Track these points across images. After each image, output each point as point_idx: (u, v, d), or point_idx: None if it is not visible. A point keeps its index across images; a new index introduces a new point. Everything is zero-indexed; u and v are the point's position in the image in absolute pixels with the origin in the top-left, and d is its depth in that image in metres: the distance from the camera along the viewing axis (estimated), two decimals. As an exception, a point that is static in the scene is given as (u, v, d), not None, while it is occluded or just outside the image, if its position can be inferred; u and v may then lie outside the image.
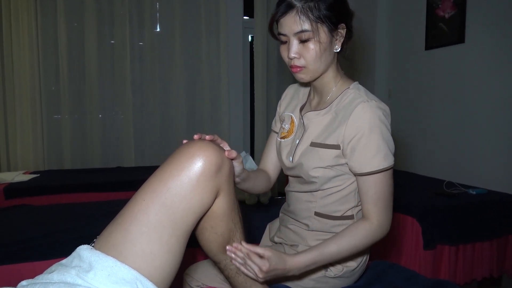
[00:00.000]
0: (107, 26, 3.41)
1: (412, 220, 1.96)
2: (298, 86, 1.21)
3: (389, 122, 0.99)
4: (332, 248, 0.93)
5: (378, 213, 0.97)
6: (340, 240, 0.94)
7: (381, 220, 0.97)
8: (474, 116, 2.62)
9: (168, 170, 0.79)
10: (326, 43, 0.96)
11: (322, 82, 1.06)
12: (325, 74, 1.04)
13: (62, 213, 1.93)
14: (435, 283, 1.12)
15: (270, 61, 3.83)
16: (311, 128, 1.06)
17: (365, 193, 0.98)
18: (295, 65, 0.98)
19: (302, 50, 0.96)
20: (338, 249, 0.94)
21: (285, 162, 1.11)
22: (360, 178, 0.98)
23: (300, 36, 0.95)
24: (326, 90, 1.06)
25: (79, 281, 0.70)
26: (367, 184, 0.97)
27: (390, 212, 0.99)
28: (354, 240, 0.95)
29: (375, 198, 0.97)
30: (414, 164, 3.14)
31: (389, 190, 0.98)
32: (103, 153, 3.47)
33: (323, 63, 0.99)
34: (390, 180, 0.98)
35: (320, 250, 0.93)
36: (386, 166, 0.95)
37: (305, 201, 1.08)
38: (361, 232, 0.96)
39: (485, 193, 2.23)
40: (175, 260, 0.79)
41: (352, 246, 0.95)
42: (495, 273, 2.06)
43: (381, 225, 0.97)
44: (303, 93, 1.18)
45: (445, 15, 2.80)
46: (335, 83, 1.05)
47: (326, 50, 0.97)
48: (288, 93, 1.23)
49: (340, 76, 1.06)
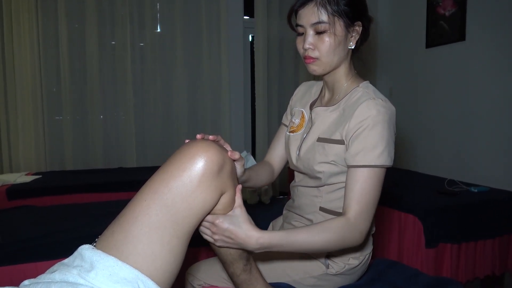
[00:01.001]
0: (108, 27, 3.42)
1: (414, 218, 1.96)
2: (311, 83, 1.23)
3: (393, 122, 0.97)
4: (302, 236, 0.88)
5: (358, 211, 0.92)
6: (312, 230, 0.89)
7: (358, 220, 0.91)
8: (475, 113, 2.61)
9: (170, 170, 0.79)
10: (341, 36, 0.98)
11: (333, 78, 1.07)
12: (337, 70, 1.05)
13: (64, 213, 1.94)
14: (437, 281, 1.12)
15: (271, 61, 3.83)
16: (318, 123, 1.07)
17: (350, 187, 0.94)
18: (309, 55, 1.00)
19: (317, 42, 0.98)
20: (307, 238, 0.88)
21: (293, 157, 1.12)
22: (350, 169, 0.96)
23: (316, 28, 0.97)
24: (337, 86, 1.07)
25: (81, 281, 0.70)
26: (354, 178, 0.94)
27: (369, 216, 0.93)
28: (325, 233, 0.89)
29: (358, 194, 0.92)
30: (416, 163, 3.14)
31: (375, 191, 0.93)
32: (104, 153, 3.47)
33: (336, 57, 1.00)
34: (379, 181, 0.94)
35: (288, 233, 0.88)
36: (379, 164, 0.93)
37: (311, 195, 1.09)
38: (334, 226, 0.90)
39: (487, 191, 2.23)
40: (176, 260, 0.78)
41: (323, 238, 0.89)
42: (498, 271, 2.05)
43: (356, 226, 0.91)
44: (315, 90, 1.20)
45: (446, 13, 2.80)
46: (346, 81, 1.06)
47: (341, 44, 0.99)
48: (300, 89, 1.25)
49: (352, 74, 1.07)
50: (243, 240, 0.84)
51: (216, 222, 0.84)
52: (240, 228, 0.85)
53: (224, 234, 0.85)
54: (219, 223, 0.84)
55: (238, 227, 0.85)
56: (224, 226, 0.84)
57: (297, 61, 3.78)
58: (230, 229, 0.84)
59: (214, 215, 0.86)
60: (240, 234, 0.84)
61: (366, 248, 1.10)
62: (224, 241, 0.86)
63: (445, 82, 2.85)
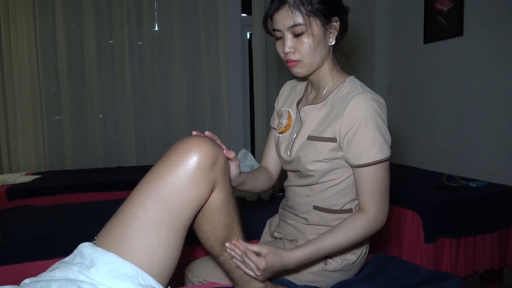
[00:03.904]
0: (106, 26, 3.42)
1: (412, 213, 1.96)
2: (295, 82, 1.23)
3: (385, 114, 0.99)
4: (329, 242, 0.94)
5: (374, 205, 0.97)
6: (337, 233, 0.95)
7: (377, 212, 0.97)
8: (474, 108, 2.62)
9: (165, 166, 0.81)
10: (319, 35, 0.97)
11: (318, 76, 1.07)
12: (321, 68, 1.05)
13: (64, 213, 1.94)
14: (437, 275, 1.13)
15: (269, 58, 3.83)
16: (307, 122, 1.07)
17: (361, 184, 0.98)
18: (290, 59, 1.00)
19: (297, 44, 0.98)
20: (334, 243, 0.94)
21: (283, 157, 1.12)
22: (356, 170, 0.99)
23: (293, 30, 0.96)
24: (323, 84, 1.07)
25: (82, 277, 0.71)
26: (363, 176, 0.98)
27: (386, 204, 0.99)
28: (351, 233, 0.95)
29: (371, 189, 0.97)
30: (414, 158, 3.14)
31: (385, 182, 0.98)
32: (104, 153, 3.48)
33: (317, 56, 1.00)
34: (386, 172, 0.98)
35: (317, 244, 0.94)
36: (382, 157, 0.95)
37: (304, 195, 1.09)
38: (357, 225, 0.96)
39: (485, 186, 2.23)
40: (174, 254, 0.80)
41: (349, 238, 0.95)
42: (497, 265, 2.06)
43: (377, 217, 0.97)
44: (300, 88, 1.19)
45: (443, 9, 2.79)
46: (331, 77, 1.06)
47: (320, 43, 0.98)
48: (285, 89, 1.25)
49: (336, 70, 1.07)
50: (283, 267, 0.92)
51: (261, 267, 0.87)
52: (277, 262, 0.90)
53: (268, 271, 0.90)
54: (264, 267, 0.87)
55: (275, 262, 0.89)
56: (267, 266, 0.88)
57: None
58: (273, 266, 0.89)
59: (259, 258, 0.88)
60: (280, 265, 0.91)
61: (363, 243, 1.11)
62: (268, 274, 0.92)
63: (444, 77, 2.85)
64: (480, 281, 2.15)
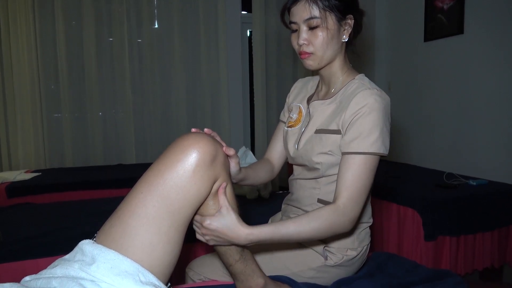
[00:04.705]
0: (105, 24, 3.41)
1: (412, 211, 1.97)
2: (307, 80, 1.26)
3: (388, 112, 0.99)
4: (291, 227, 0.89)
5: (347, 198, 0.92)
6: (300, 220, 0.90)
7: (347, 207, 0.92)
8: (474, 107, 2.61)
9: (164, 163, 0.81)
10: (333, 30, 1.00)
11: (329, 72, 1.09)
12: (333, 64, 1.07)
13: (63, 210, 1.94)
14: (437, 273, 1.13)
15: (269, 56, 3.82)
16: (316, 116, 1.09)
17: (342, 173, 0.95)
18: (304, 51, 1.03)
19: (311, 37, 1.01)
20: (296, 228, 0.89)
21: (291, 151, 1.14)
22: (344, 156, 0.97)
23: (309, 23, 0.99)
24: (333, 80, 1.09)
25: (82, 274, 0.71)
26: (346, 164, 0.95)
27: (359, 203, 0.94)
28: (314, 222, 0.90)
29: (349, 181, 0.93)
30: (414, 156, 3.14)
31: (366, 179, 0.94)
32: (104, 150, 3.48)
33: (330, 50, 1.02)
34: (370, 170, 0.95)
35: (277, 226, 0.89)
36: (372, 151, 0.94)
37: (309, 188, 1.10)
38: (323, 215, 0.90)
39: (485, 184, 2.23)
40: (174, 251, 0.81)
41: (310, 227, 0.90)
42: (496, 263, 2.06)
43: (345, 212, 0.92)
44: (311, 85, 1.22)
45: (444, 6, 2.79)
46: (342, 74, 1.08)
47: (334, 37, 1.01)
48: (297, 85, 1.27)
49: (347, 67, 1.09)
50: (233, 238, 0.86)
51: (204, 224, 0.86)
52: (228, 227, 0.86)
53: (214, 234, 0.87)
54: (207, 225, 0.86)
55: (226, 227, 0.86)
56: (212, 227, 0.86)
57: (295, 56, 3.77)
58: (218, 230, 0.86)
59: (201, 217, 0.87)
60: (229, 233, 0.86)
61: (364, 240, 1.11)
62: (215, 240, 0.89)
63: (444, 75, 2.85)
64: (480, 279, 2.15)
